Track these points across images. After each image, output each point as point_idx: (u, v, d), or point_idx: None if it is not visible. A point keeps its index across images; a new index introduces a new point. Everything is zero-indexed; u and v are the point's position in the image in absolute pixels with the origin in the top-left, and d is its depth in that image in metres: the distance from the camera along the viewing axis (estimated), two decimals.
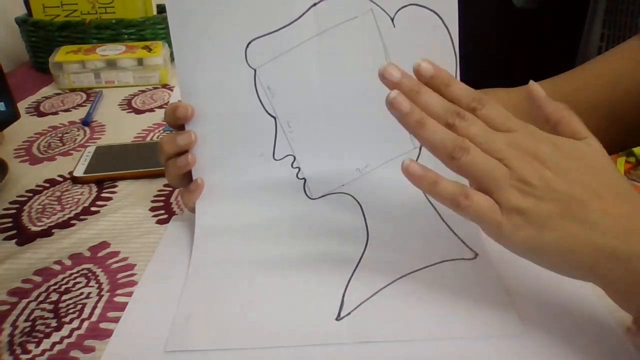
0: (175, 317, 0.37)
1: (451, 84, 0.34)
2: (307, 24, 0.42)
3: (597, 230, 0.30)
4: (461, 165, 0.32)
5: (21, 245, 0.46)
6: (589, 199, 0.31)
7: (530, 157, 0.32)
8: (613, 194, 0.31)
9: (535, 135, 0.33)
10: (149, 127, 0.72)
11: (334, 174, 0.45)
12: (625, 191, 0.32)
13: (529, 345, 0.33)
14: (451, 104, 0.34)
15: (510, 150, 0.32)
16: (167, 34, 0.97)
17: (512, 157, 0.32)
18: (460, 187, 0.32)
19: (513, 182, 0.31)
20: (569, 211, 0.30)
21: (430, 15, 0.42)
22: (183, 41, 0.42)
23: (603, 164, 0.33)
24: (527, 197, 0.31)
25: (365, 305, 0.37)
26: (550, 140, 0.33)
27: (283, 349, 0.34)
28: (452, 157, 0.32)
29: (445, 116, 0.33)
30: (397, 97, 0.32)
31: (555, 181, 0.31)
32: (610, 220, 0.30)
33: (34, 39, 0.96)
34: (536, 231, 0.31)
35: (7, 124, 0.63)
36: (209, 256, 0.43)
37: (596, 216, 0.30)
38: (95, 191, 0.55)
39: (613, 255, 0.29)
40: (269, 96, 0.43)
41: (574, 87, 0.49)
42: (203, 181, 0.45)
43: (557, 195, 0.31)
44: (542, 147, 0.32)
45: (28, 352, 0.34)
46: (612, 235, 0.30)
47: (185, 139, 0.43)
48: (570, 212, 0.30)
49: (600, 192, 0.31)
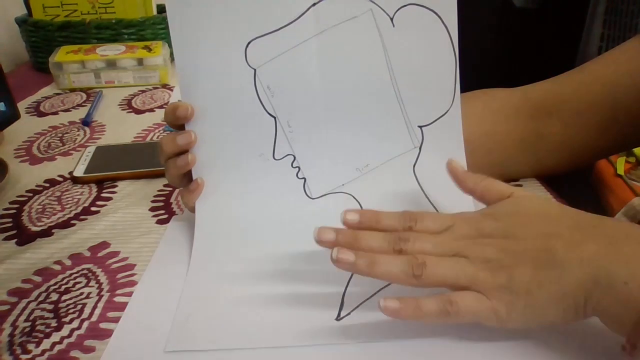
0: (175, 317, 0.37)
1: (379, 219, 0.36)
2: (307, 23, 0.42)
3: (572, 266, 0.30)
4: (426, 279, 0.32)
5: (21, 245, 0.46)
6: (549, 242, 0.31)
7: (478, 239, 0.33)
8: (565, 228, 0.32)
9: (470, 219, 0.35)
10: (149, 127, 0.72)
11: (334, 173, 0.45)
12: (572, 219, 0.33)
13: (530, 346, 0.33)
14: (389, 234, 0.35)
15: (459, 243, 0.34)
16: (167, 34, 0.97)
17: (465, 247, 0.33)
18: (440, 297, 0.32)
19: (479, 267, 0.32)
20: (539, 263, 0.31)
21: (429, 14, 0.42)
22: (183, 41, 0.42)
23: (539, 207, 0.34)
24: (499, 272, 0.31)
25: (365, 305, 0.37)
26: (485, 216, 0.35)
27: (283, 349, 0.34)
28: (414, 276, 0.32)
29: (389, 247, 0.34)
30: (338, 255, 0.33)
31: (511, 245, 0.32)
32: (578, 253, 0.30)
33: (34, 39, 0.96)
34: (525, 298, 0.31)
35: (7, 124, 0.63)
36: (209, 256, 0.43)
37: (564, 254, 0.31)
38: (95, 191, 0.55)
39: (596, 282, 0.29)
40: (269, 96, 0.43)
41: (574, 87, 0.49)
42: (203, 181, 0.45)
43: (521, 256, 0.31)
44: (482, 225, 0.34)
45: (28, 352, 0.34)
46: (585, 265, 0.30)
47: (185, 138, 0.43)
48: (541, 263, 0.31)
49: (553, 232, 0.32)
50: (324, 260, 0.41)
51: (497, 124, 0.50)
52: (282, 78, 0.43)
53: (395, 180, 0.45)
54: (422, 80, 0.44)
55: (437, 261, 0.33)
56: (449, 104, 0.44)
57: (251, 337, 0.35)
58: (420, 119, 0.45)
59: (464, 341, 0.34)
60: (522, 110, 0.50)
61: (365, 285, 0.39)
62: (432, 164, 0.45)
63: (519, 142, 0.50)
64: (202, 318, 0.37)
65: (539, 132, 0.50)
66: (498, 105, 0.51)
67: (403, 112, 0.44)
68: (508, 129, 0.50)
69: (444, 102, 0.44)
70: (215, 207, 0.45)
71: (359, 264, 0.33)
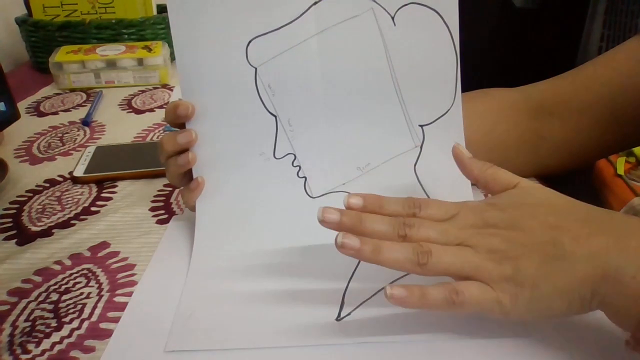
0: (175, 317, 0.36)
1: (382, 204, 0.35)
2: (308, 22, 0.42)
3: (579, 260, 0.30)
4: (431, 267, 0.32)
5: (21, 245, 0.46)
6: (556, 235, 0.31)
7: (483, 228, 0.33)
8: (572, 221, 0.32)
9: (476, 208, 0.35)
10: (149, 127, 0.72)
11: (335, 172, 0.45)
12: (580, 211, 0.33)
13: (530, 346, 0.33)
14: (394, 218, 0.34)
15: (464, 232, 0.33)
16: (167, 34, 0.97)
17: (470, 237, 0.33)
18: (446, 286, 0.31)
19: (484, 257, 0.32)
20: (546, 256, 0.31)
21: (430, 13, 0.42)
22: (184, 39, 0.42)
23: (546, 198, 0.34)
24: (504, 263, 0.31)
25: (365, 305, 0.37)
26: (490, 206, 0.34)
27: (283, 349, 0.34)
28: (419, 264, 0.32)
29: (394, 231, 0.33)
30: (343, 240, 0.32)
31: (517, 237, 0.32)
32: (586, 247, 0.30)
33: (34, 39, 0.96)
34: (530, 290, 0.30)
35: (7, 124, 0.63)
36: (209, 256, 0.43)
37: (571, 247, 0.30)
38: (95, 191, 0.55)
39: (603, 277, 0.29)
40: (270, 95, 0.43)
41: (574, 87, 0.49)
42: (203, 180, 0.45)
43: (528, 248, 0.31)
44: (487, 215, 0.33)
45: (28, 352, 0.34)
46: (593, 259, 0.30)
47: (186, 137, 0.43)
48: (548, 255, 0.31)
49: (560, 225, 0.31)
50: (324, 259, 0.42)
51: (498, 123, 0.50)
52: (283, 77, 0.43)
53: (396, 179, 0.45)
54: (423, 79, 0.44)
55: (443, 250, 0.32)
56: (450, 103, 0.44)
57: (251, 337, 0.35)
58: (421, 118, 0.45)
59: (464, 341, 0.34)
60: (523, 110, 0.50)
61: (366, 285, 0.39)
62: (433, 163, 0.45)
63: (519, 142, 0.50)
64: (202, 318, 0.36)
65: (539, 132, 0.50)
66: (498, 105, 0.51)
67: (404, 111, 0.44)
68: (508, 128, 0.50)
69: (445, 101, 0.44)
70: (216, 206, 0.45)
71: (364, 250, 0.32)
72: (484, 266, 0.31)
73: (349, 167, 0.45)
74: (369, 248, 0.32)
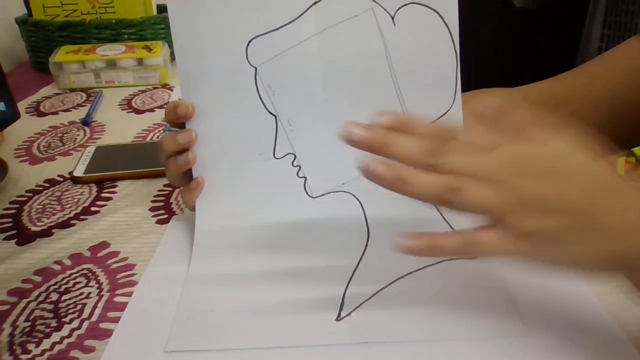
0: (175, 317, 0.36)
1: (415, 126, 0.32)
2: (308, 22, 0.42)
3: (615, 235, 0.29)
4: (457, 206, 0.30)
5: (21, 245, 0.46)
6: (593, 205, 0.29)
7: (524, 172, 0.30)
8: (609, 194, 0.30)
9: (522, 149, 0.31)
10: (149, 127, 0.72)
11: (335, 172, 0.45)
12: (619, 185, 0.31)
13: (530, 346, 0.33)
14: (425, 143, 0.31)
15: (502, 170, 0.30)
16: (167, 34, 0.97)
17: (508, 177, 0.30)
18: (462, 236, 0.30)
19: (517, 207, 0.29)
20: (581, 224, 0.29)
21: (430, 13, 0.42)
22: (184, 39, 0.42)
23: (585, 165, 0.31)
24: (536, 216, 0.29)
25: (365, 305, 0.37)
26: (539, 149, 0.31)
27: (283, 349, 0.34)
28: (445, 202, 0.30)
29: (423, 158, 0.31)
30: (369, 167, 0.30)
31: (560, 196, 0.29)
32: (620, 221, 0.29)
33: (34, 39, 0.96)
34: (557, 250, 0.29)
35: (7, 124, 0.63)
36: (209, 256, 0.43)
37: (606, 221, 0.29)
38: (95, 191, 0.55)
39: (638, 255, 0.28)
40: (270, 94, 0.43)
41: (574, 87, 0.49)
42: (203, 179, 0.45)
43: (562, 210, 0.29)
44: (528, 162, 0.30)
45: (28, 352, 0.34)
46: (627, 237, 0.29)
47: (186, 137, 0.43)
48: (581, 225, 0.29)
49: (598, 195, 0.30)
50: (324, 259, 0.42)
51: None
52: (283, 77, 0.43)
53: None
54: (423, 79, 0.43)
55: (473, 191, 0.29)
56: (450, 103, 0.44)
57: (251, 337, 0.35)
58: None
59: (464, 341, 0.34)
60: None
61: (366, 285, 0.39)
62: None
63: None
64: (202, 318, 0.36)
65: None
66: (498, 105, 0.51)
67: (404, 111, 0.44)
68: None
69: (445, 101, 0.44)
70: (216, 205, 0.45)
71: (388, 178, 0.30)
72: (513, 217, 0.29)
73: (349, 167, 0.45)
74: (394, 177, 0.30)
